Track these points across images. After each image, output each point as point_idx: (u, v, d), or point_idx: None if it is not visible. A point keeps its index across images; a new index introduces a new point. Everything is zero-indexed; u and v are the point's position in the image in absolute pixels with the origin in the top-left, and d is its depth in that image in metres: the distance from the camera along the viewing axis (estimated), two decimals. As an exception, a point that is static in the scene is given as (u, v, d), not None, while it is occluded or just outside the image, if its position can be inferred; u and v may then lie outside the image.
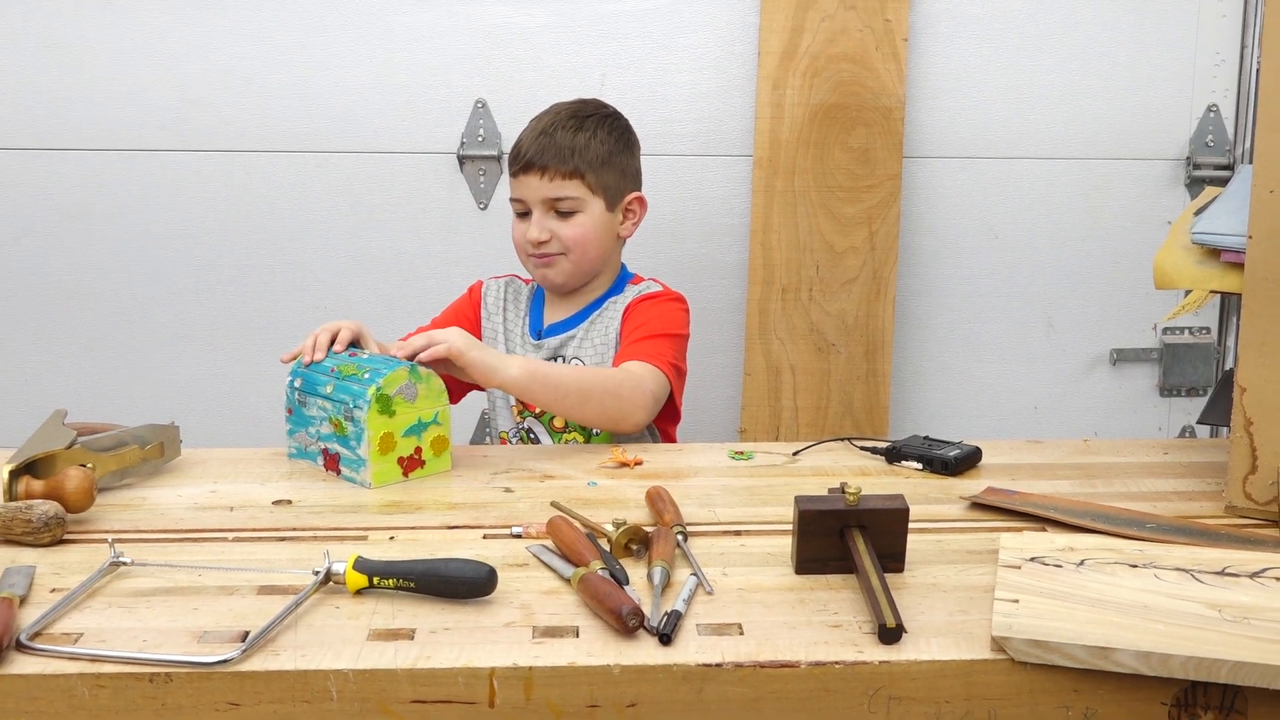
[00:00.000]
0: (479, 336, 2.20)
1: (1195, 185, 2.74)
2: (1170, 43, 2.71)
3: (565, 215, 2.10)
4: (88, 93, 2.66)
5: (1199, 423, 2.15)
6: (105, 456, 1.65)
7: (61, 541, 1.46)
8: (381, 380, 1.68)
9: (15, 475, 1.53)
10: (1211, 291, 1.67)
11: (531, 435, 2.13)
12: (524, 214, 2.13)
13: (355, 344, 1.88)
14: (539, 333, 2.19)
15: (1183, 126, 2.75)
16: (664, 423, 2.12)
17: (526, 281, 2.26)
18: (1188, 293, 1.71)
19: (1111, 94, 2.73)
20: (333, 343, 1.84)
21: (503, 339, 2.19)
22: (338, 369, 1.75)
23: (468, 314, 2.22)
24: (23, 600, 1.29)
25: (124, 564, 1.38)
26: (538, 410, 2.11)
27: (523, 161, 2.10)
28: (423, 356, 1.77)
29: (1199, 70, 2.72)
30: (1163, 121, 2.75)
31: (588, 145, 2.11)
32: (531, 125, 2.15)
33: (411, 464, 1.73)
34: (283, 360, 1.83)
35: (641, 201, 2.20)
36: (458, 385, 2.19)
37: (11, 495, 1.52)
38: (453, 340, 1.81)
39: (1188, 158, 2.75)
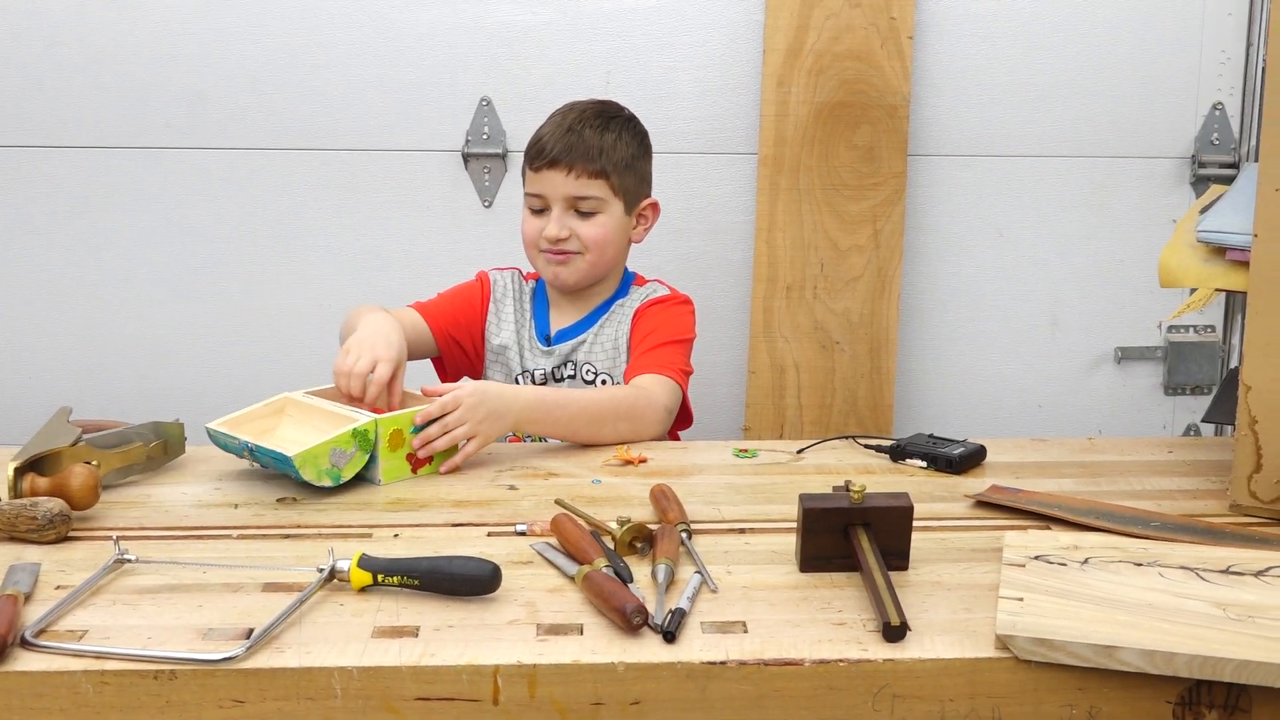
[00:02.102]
0: (481, 328, 2.19)
1: (1200, 183, 2.74)
2: (1175, 40, 2.70)
3: (585, 215, 2.10)
4: (93, 90, 2.66)
5: (1204, 421, 2.15)
6: (110, 454, 1.65)
7: (66, 539, 1.47)
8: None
9: (20, 472, 1.53)
10: (1216, 290, 1.67)
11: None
12: (540, 210, 2.12)
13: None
14: (548, 338, 2.18)
15: (1188, 124, 2.74)
16: (676, 426, 2.12)
17: (527, 278, 2.25)
18: (1193, 291, 1.71)
19: (1116, 92, 2.72)
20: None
21: (513, 339, 2.18)
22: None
23: (474, 303, 2.20)
24: (27, 598, 1.29)
25: (128, 561, 1.38)
26: None
27: (548, 157, 2.08)
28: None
29: (1204, 68, 2.72)
30: (1168, 119, 2.74)
31: (614, 146, 2.10)
32: (554, 121, 2.13)
33: (419, 461, 1.73)
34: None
35: (655, 208, 2.20)
36: (451, 367, 2.20)
37: (16, 492, 1.53)
38: (480, 431, 1.78)
39: (1193, 156, 2.74)
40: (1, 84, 2.66)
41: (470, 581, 1.29)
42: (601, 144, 2.08)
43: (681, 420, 2.11)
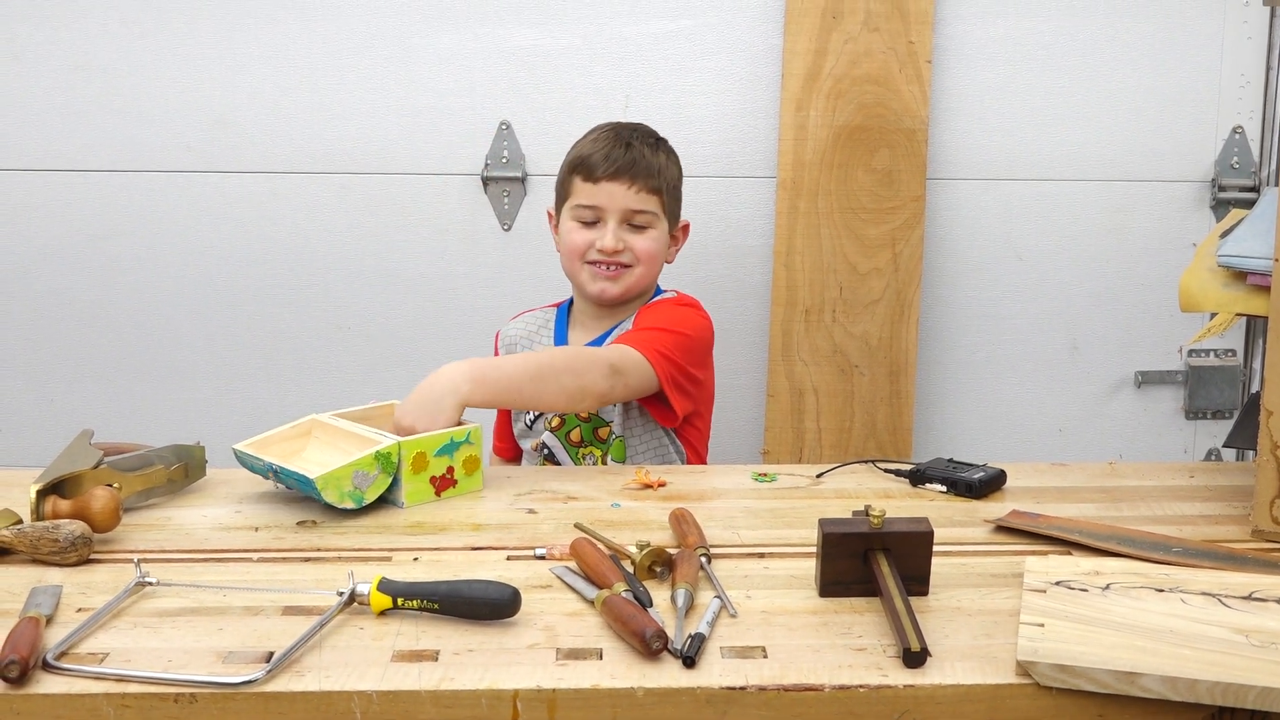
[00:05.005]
0: None
1: (1220, 207, 2.73)
2: (1195, 64, 2.70)
3: (638, 229, 2.14)
4: (115, 115, 2.68)
5: (1225, 446, 2.14)
6: (131, 476, 1.65)
7: (88, 561, 1.47)
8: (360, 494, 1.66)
9: (42, 495, 1.54)
10: (1237, 314, 1.67)
11: (547, 450, 2.13)
12: (591, 223, 2.15)
13: None
14: (566, 349, 2.19)
15: (1208, 148, 2.74)
16: (689, 441, 2.14)
17: (546, 308, 2.28)
18: (1213, 315, 1.71)
19: (1136, 115, 2.72)
20: None
21: None
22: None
23: None
24: (49, 620, 1.29)
25: (149, 584, 1.38)
26: (554, 424, 2.11)
27: (610, 169, 2.12)
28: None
29: (1224, 92, 2.71)
30: (1188, 143, 2.73)
31: (666, 166, 2.17)
32: (605, 137, 2.17)
33: (444, 483, 1.73)
34: None
35: (687, 230, 2.27)
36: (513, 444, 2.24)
37: (38, 515, 1.53)
38: (429, 427, 1.74)
39: (1213, 180, 2.74)
40: (24, 109, 2.68)
41: (490, 605, 1.29)
42: (656, 162, 2.15)
43: (696, 439, 2.14)
